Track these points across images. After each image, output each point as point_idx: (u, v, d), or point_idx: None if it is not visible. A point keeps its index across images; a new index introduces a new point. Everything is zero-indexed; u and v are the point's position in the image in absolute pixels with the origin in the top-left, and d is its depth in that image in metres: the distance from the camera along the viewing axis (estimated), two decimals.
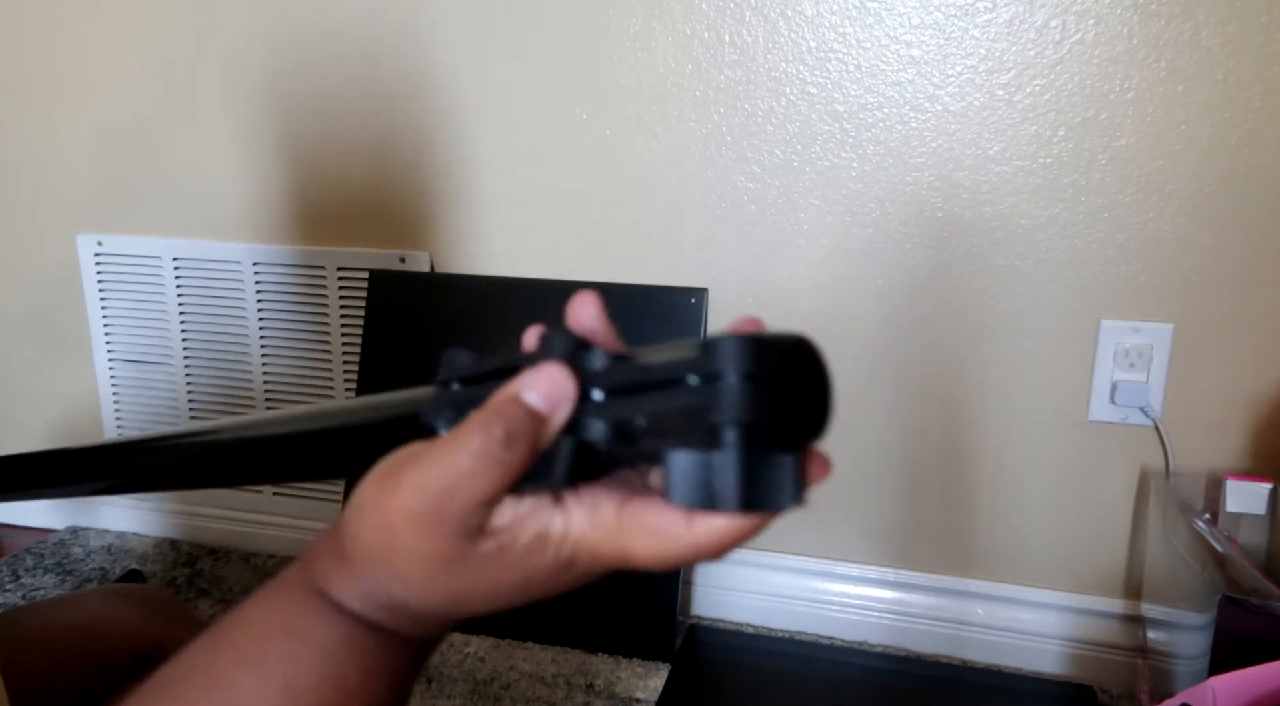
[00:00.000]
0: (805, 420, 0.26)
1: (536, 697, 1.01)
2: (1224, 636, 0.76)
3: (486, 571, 0.29)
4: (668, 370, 0.26)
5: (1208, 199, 0.94)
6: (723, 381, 0.24)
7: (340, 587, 0.32)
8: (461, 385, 0.32)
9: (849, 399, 1.08)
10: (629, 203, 1.09)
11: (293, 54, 1.16)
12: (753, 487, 0.25)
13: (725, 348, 0.24)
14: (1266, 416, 0.97)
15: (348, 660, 0.32)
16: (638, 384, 0.27)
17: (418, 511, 0.28)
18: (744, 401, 0.24)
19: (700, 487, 0.25)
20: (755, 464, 0.25)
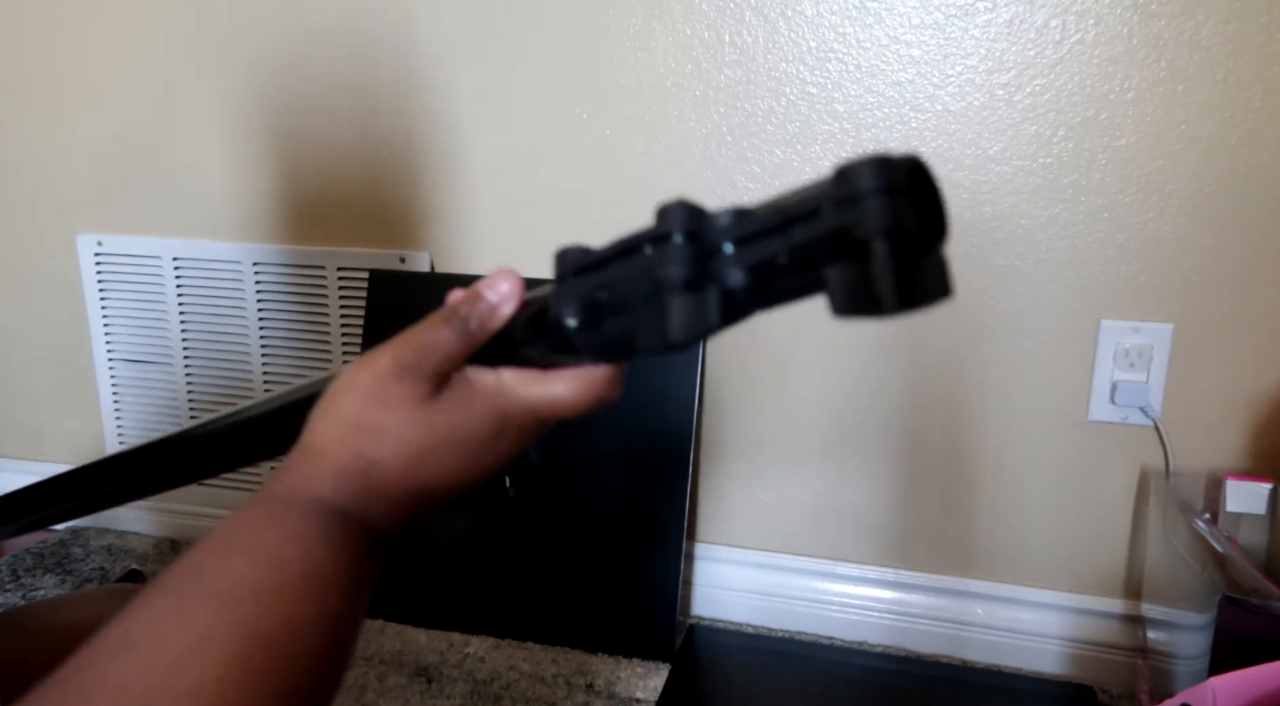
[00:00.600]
0: (934, 224, 0.29)
1: (536, 697, 1.01)
2: (1224, 636, 0.76)
3: (447, 416, 0.36)
4: (802, 205, 0.28)
5: (1208, 199, 0.94)
6: (865, 199, 0.27)
7: (313, 477, 0.35)
8: (577, 276, 0.36)
9: (849, 399, 1.08)
10: (629, 203, 1.09)
11: (293, 54, 1.16)
12: (909, 288, 0.27)
13: (861, 170, 0.27)
14: (1266, 416, 0.97)
15: (321, 547, 0.33)
16: (773, 226, 0.29)
17: (405, 362, 0.36)
18: (888, 212, 0.27)
19: (862, 295, 0.27)
20: (905, 267, 0.27)
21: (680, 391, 1.08)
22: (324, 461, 0.35)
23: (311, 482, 0.35)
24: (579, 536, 1.11)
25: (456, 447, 0.37)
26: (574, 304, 0.34)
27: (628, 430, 1.09)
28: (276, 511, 0.34)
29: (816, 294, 0.30)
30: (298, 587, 0.32)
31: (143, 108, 1.24)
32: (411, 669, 1.05)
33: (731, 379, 1.11)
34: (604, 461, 1.10)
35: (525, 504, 1.12)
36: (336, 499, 0.35)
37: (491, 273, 0.39)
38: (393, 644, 1.10)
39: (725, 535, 1.17)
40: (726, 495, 1.15)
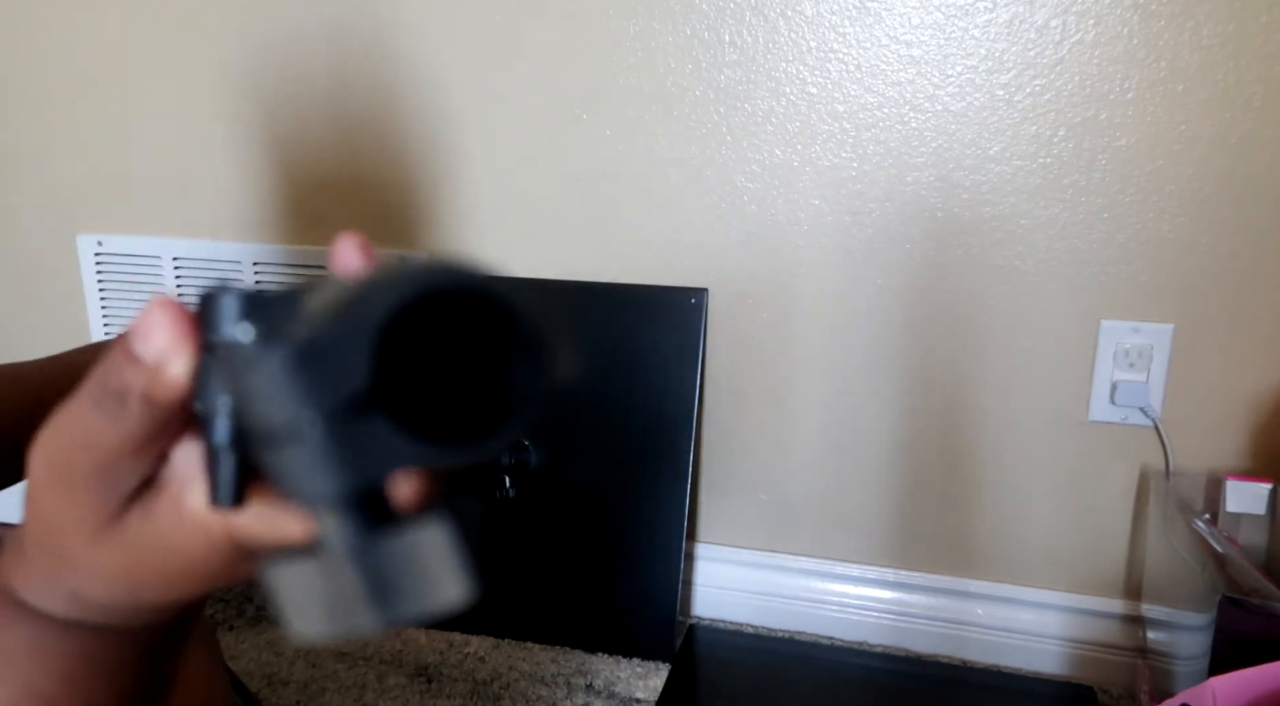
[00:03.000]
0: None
1: (536, 697, 1.01)
2: (1224, 636, 0.75)
3: (144, 544, 0.26)
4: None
5: (1208, 199, 0.94)
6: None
7: (26, 586, 0.28)
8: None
9: (849, 399, 1.08)
10: (629, 203, 1.09)
11: (294, 54, 1.16)
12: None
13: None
14: (1266, 416, 0.97)
15: (38, 666, 0.28)
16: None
17: (56, 463, 0.25)
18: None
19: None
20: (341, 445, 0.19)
21: (680, 391, 1.08)
22: (32, 572, 0.28)
23: (29, 595, 0.28)
24: (579, 536, 1.11)
25: (171, 577, 0.27)
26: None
27: (627, 430, 1.09)
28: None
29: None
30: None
31: (143, 108, 1.24)
32: (411, 669, 1.05)
33: (731, 379, 1.11)
34: (604, 461, 1.10)
35: (525, 504, 1.12)
36: (52, 610, 0.28)
37: (147, 306, 0.25)
38: (393, 644, 1.10)
39: (725, 535, 1.17)
40: (726, 495, 1.15)
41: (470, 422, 0.20)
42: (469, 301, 0.19)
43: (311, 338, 0.19)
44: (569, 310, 1.12)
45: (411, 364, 0.21)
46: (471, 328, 0.20)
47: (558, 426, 1.11)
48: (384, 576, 0.19)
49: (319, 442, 0.18)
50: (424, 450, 0.19)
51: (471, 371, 0.21)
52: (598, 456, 1.10)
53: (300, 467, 0.19)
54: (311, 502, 0.19)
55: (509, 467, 1.12)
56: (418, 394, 0.21)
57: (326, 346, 0.18)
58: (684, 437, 1.08)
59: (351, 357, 0.18)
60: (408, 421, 0.19)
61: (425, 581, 0.19)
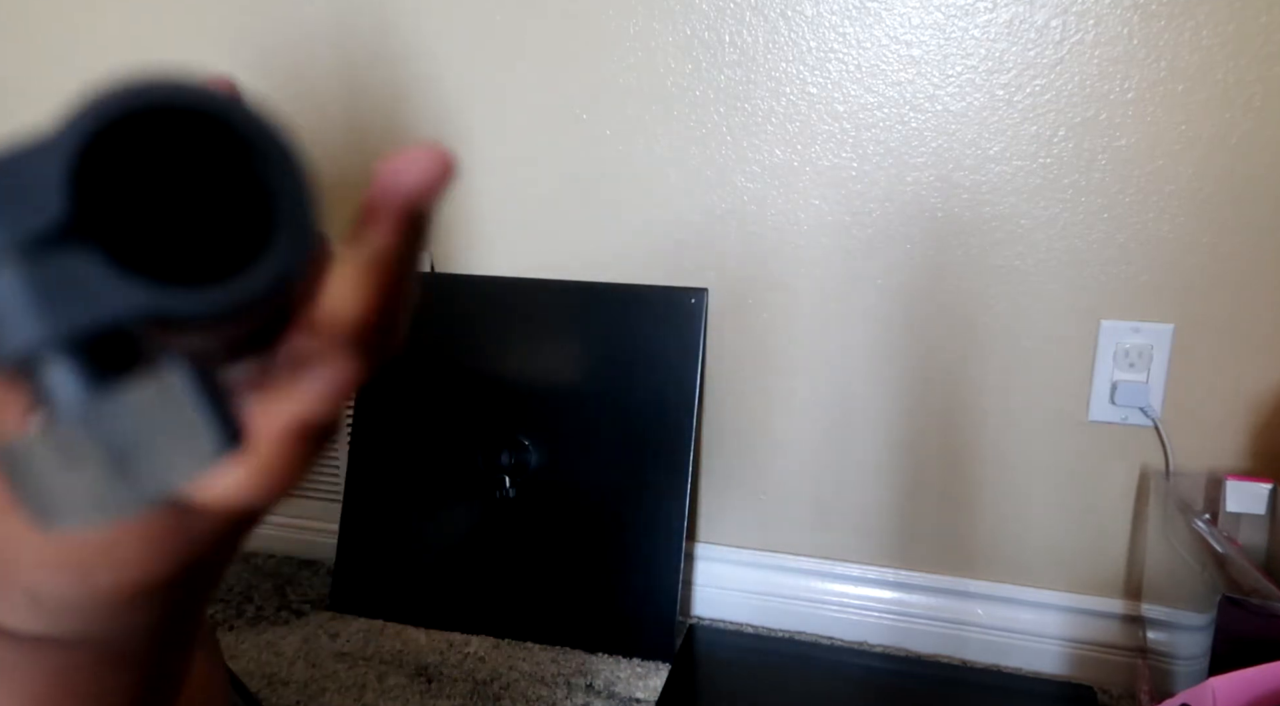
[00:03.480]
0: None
1: (536, 697, 1.01)
2: (1224, 636, 0.75)
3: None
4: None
5: (1208, 199, 0.94)
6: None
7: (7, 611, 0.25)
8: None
9: (849, 399, 1.08)
10: (629, 203, 1.09)
11: (293, 54, 1.16)
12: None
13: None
14: (1266, 416, 0.97)
15: (7, 691, 0.25)
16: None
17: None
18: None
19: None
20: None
21: (680, 391, 1.08)
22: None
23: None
24: (579, 536, 1.11)
25: (100, 557, 0.23)
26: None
27: (627, 430, 1.09)
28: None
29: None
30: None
31: None
32: (411, 669, 1.05)
33: (731, 379, 1.11)
34: (604, 461, 1.10)
35: (525, 504, 1.12)
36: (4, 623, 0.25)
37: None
38: (393, 644, 1.10)
39: (725, 535, 1.17)
40: (726, 495, 1.15)
41: (224, 266, 0.17)
42: (203, 124, 0.17)
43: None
44: (569, 310, 1.12)
45: (145, 200, 0.18)
46: (217, 157, 0.18)
47: (558, 426, 1.11)
48: (124, 440, 0.16)
49: (15, 278, 0.16)
50: (147, 292, 0.16)
51: (224, 208, 0.18)
52: (598, 456, 1.10)
53: (3, 313, 0.16)
54: (24, 355, 0.16)
55: (509, 467, 1.12)
56: (154, 236, 0.18)
57: (15, 168, 0.16)
58: (684, 437, 1.08)
59: (45, 181, 0.16)
60: (132, 261, 0.16)
61: (174, 442, 0.16)
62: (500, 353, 1.13)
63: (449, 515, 1.15)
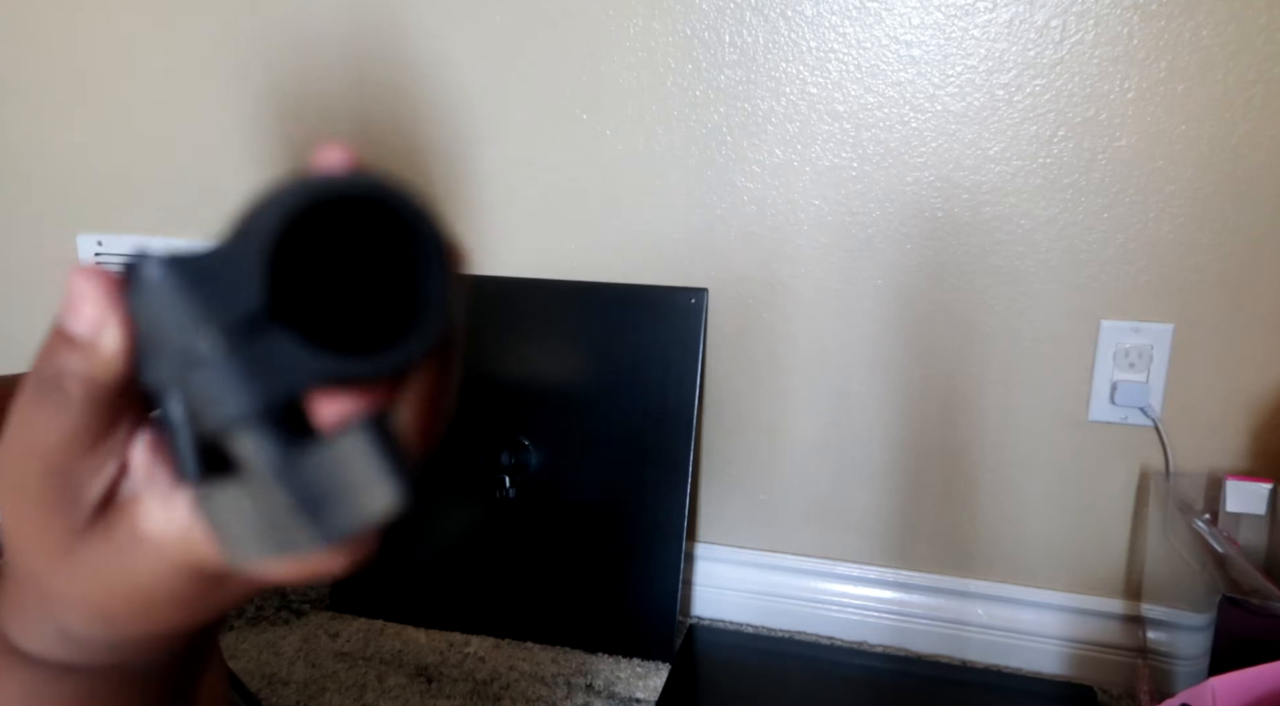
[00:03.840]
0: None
1: (536, 697, 1.01)
2: (1224, 636, 0.75)
3: (106, 568, 0.23)
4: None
5: (1208, 199, 0.94)
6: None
7: (16, 627, 0.26)
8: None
9: (849, 399, 1.08)
10: (629, 202, 1.09)
11: (294, 54, 1.16)
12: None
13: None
14: (1266, 416, 0.97)
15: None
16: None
17: (7, 483, 0.23)
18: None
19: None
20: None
21: (680, 391, 1.08)
22: (19, 609, 0.26)
23: (18, 636, 0.26)
24: (579, 536, 1.11)
25: (147, 608, 0.24)
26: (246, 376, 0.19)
27: (627, 430, 1.09)
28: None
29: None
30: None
31: (143, 107, 1.24)
32: (411, 669, 1.05)
33: (731, 379, 1.11)
34: (604, 461, 1.10)
35: (525, 504, 1.12)
36: (45, 653, 0.26)
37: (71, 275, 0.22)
38: (393, 644, 1.10)
39: (725, 535, 1.17)
40: (726, 495, 1.15)
41: (378, 332, 0.20)
42: (366, 209, 0.19)
43: (202, 258, 0.19)
44: (569, 310, 1.12)
45: (316, 276, 0.20)
46: (373, 235, 0.20)
47: (558, 426, 1.11)
48: (312, 491, 0.18)
49: (221, 362, 0.18)
50: (331, 361, 0.19)
51: (377, 281, 0.21)
52: (598, 456, 1.10)
53: (209, 392, 0.19)
54: (227, 425, 0.19)
55: (509, 467, 1.12)
56: (324, 307, 0.21)
57: (218, 266, 0.18)
58: (684, 437, 1.08)
59: (245, 275, 0.18)
60: (313, 334, 0.19)
61: (355, 491, 0.18)
62: (500, 352, 1.13)
63: (449, 515, 1.15)
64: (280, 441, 0.19)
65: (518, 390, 1.13)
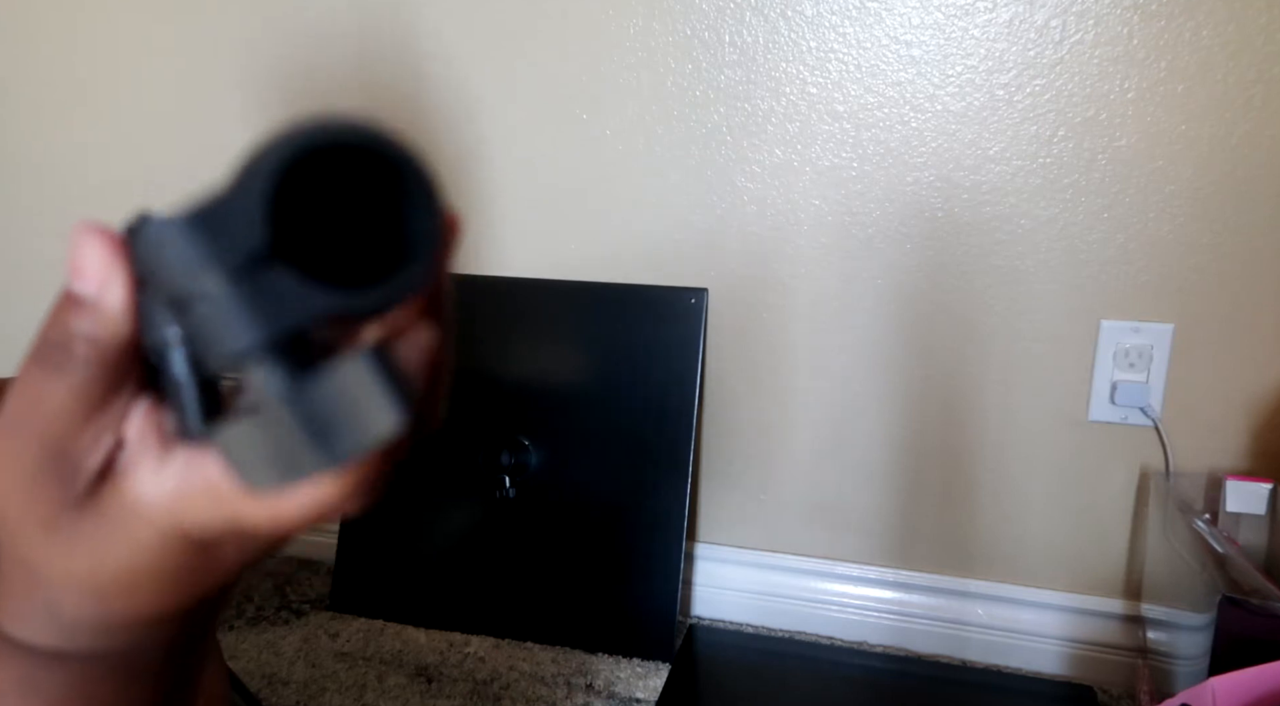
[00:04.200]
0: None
1: (536, 697, 1.01)
2: (1224, 636, 0.76)
3: (97, 542, 0.23)
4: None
5: (1208, 199, 0.94)
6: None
7: (7, 613, 0.26)
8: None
9: (849, 399, 1.08)
10: (629, 202, 1.09)
11: (295, 55, 1.16)
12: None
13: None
14: (1266, 416, 0.97)
15: (31, 702, 0.25)
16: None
17: (2, 452, 0.23)
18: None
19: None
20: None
21: (680, 391, 1.08)
22: (8, 594, 0.26)
23: (9, 623, 0.26)
24: (579, 536, 1.11)
25: (139, 583, 0.24)
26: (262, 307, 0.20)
27: (627, 430, 1.09)
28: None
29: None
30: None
31: (144, 107, 1.24)
32: (411, 669, 1.05)
33: (731, 378, 1.11)
34: (604, 461, 1.10)
35: (525, 504, 1.12)
36: (35, 640, 0.26)
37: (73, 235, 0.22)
38: (393, 644, 1.10)
39: (725, 535, 1.17)
40: (726, 495, 1.15)
41: (375, 268, 0.21)
42: (359, 154, 0.20)
43: (204, 205, 0.20)
44: (569, 310, 1.12)
45: (314, 214, 0.22)
46: (367, 177, 0.21)
47: (558, 426, 1.11)
48: (320, 417, 0.19)
49: (228, 298, 0.19)
50: (331, 296, 0.20)
51: (373, 222, 0.22)
52: (598, 456, 1.10)
53: (217, 329, 0.20)
54: (236, 360, 0.20)
55: (509, 467, 1.12)
56: (324, 246, 0.22)
57: (220, 210, 0.20)
58: (684, 437, 1.08)
59: (247, 217, 0.19)
60: (314, 271, 0.20)
61: (360, 414, 0.19)
62: (500, 352, 1.13)
63: (449, 515, 1.15)
64: (287, 371, 0.20)
65: (518, 390, 1.13)
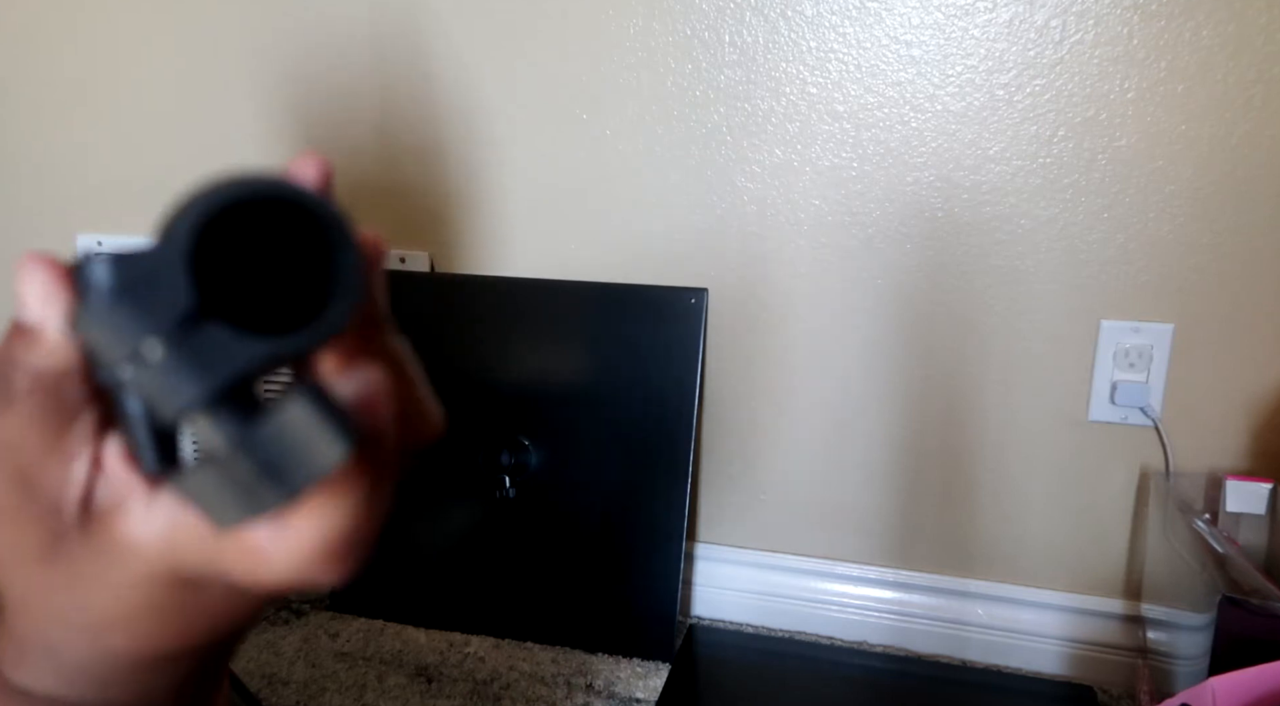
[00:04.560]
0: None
1: (536, 697, 1.01)
2: (1224, 636, 0.76)
3: (87, 577, 0.22)
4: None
5: (1208, 199, 0.94)
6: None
7: (9, 659, 0.25)
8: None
9: (849, 399, 1.08)
10: (629, 202, 1.09)
11: (295, 56, 1.16)
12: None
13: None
14: (1266, 416, 0.97)
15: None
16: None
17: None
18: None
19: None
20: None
21: (680, 391, 1.08)
22: (7, 638, 0.25)
23: (11, 670, 0.25)
24: (579, 536, 1.11)
25: (130, 625, 0.23)
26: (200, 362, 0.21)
27: (627, 430, 1.09)
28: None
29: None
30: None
31: (144, 107, 1.24)
32: (411, 669, 1.05)
33: (731, 378, 1.11)
34: (603, 461, 1.10)
35: (525, 504, 1.12)
36: (34, 687, 0.25)
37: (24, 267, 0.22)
38: (393, 644, 1.10)
39: (725, 535, 1.17)
40: (726, 495, 1.15)
41: (300, 313, 0.22)
42: (272, 205, 0.21)
43: (136, 263, 0.20)
44: (569, 310, 1.12)
45: (240, 264, 0.22)
46: (285, 225, 0.22)
47: (558, 426, 1.11)
48: (271, 456, 0.20)
49: (165, 361, 0.20)
50: (265, 343, 0.21)
51: (295, 268, 0.23)
52: (598, 456, 1.10)
53: (162, 390, 0.20)
54: (185, 415, 0.21)
55: (509, 467, 1.12)
56: (251, 293, 0.23)
57: (148, 277, 0.20)
58: (684, 437, 1.08)
59: (173, 281, 0.20)
60: (245, 321, 0.21)
61: (307, 450, 0.20)
62: (500, 352, 1.13)
63: (449, 515, 1.15)
64: (235, 419, 0.20)
65: (518, 390, 1.13)
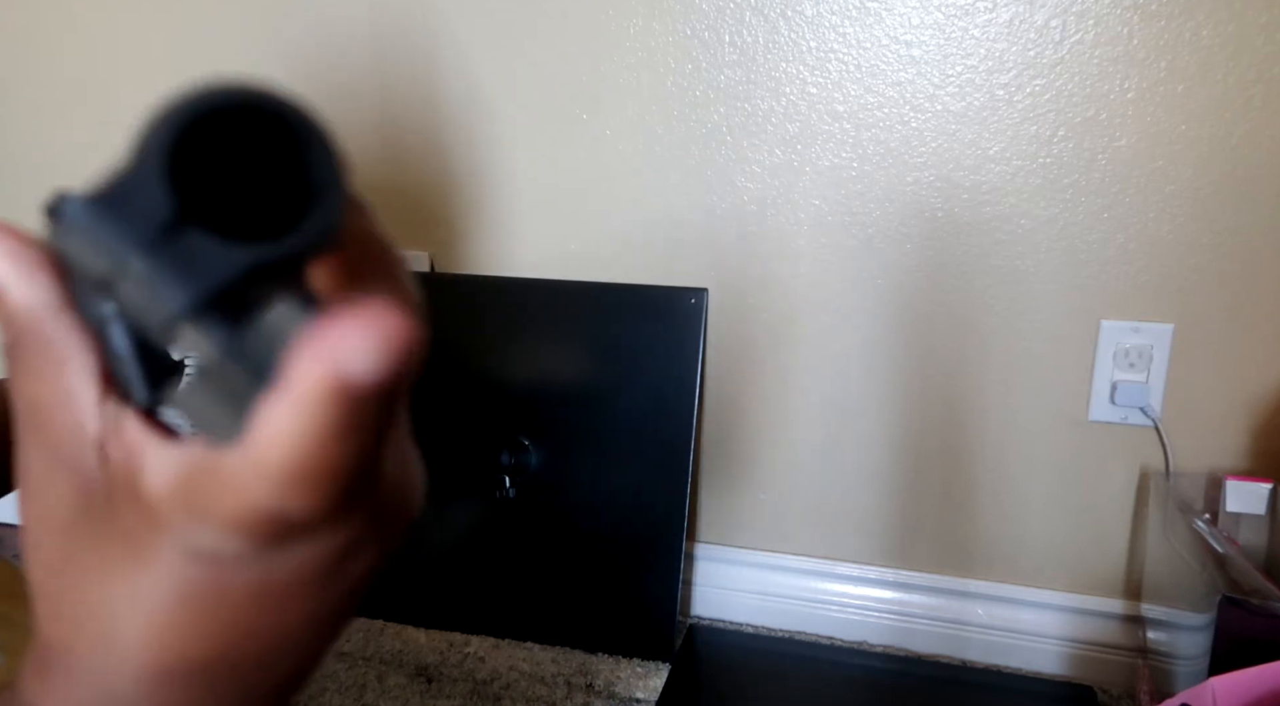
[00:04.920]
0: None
1: (536, 697, 1.01)
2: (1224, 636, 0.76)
3: (114, 558, 0.22)
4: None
5: (1208, 199, 0.94)
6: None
7: (36, 690, 0.24)
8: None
9: (849, 398, 1.08)
10: (629, 202, 1.09)
11: (295, 56, 1.16)
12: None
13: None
14: (1266, 416, 0.97)
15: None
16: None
17: (14, 466, 0.23)
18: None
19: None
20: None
21: (680, 391, 1.08)
22: (45, 668, 0.24)
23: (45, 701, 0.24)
24: (579, 536, 1.11)
25: (158, 621, 0.22)
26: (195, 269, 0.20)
27: (627, 430, 1.09)
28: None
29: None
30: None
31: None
32: (411, 669, 1.05)
33: (731, 378, 1.11)
34: (604, 461, 1.10)
35: (525, 504, 1.12)
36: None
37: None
38: (393, 644, 1.10)
39: (725, 535, 1.17)
40: (726, 495, 1.15)
41: (283, 220, 0.22)
42: (250, 113, 0.21)
43: (111, 184, 0.20)
44: (569, 310, 1.12)
45: (221, 176, 0.22)
46: (264, 135, 0.22)
47: (558, 426, 1.11)
48: (260, 359, 0.20)
49: (150, 269, 0.20)
50: (247, 250, 0.20)
51: (277, 175, 0.23)
52: (598, 456, 1.10)
53: (147, 300, 0.20)
54: (172, 326, 0.20)
55: (509, 467, 1.12)
56: (235, 205, 0.22)
57: (126, 188, 0.20)
58: (684, 437, 1.08)
59: (151, 191, 0.20)
60: (227, 230, 0.20)
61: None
62: (500, 352, 1.13)
63: (449, 515, 1.15)
64: (223, 325, 0.20)
65: (518, 390, 1.13)
